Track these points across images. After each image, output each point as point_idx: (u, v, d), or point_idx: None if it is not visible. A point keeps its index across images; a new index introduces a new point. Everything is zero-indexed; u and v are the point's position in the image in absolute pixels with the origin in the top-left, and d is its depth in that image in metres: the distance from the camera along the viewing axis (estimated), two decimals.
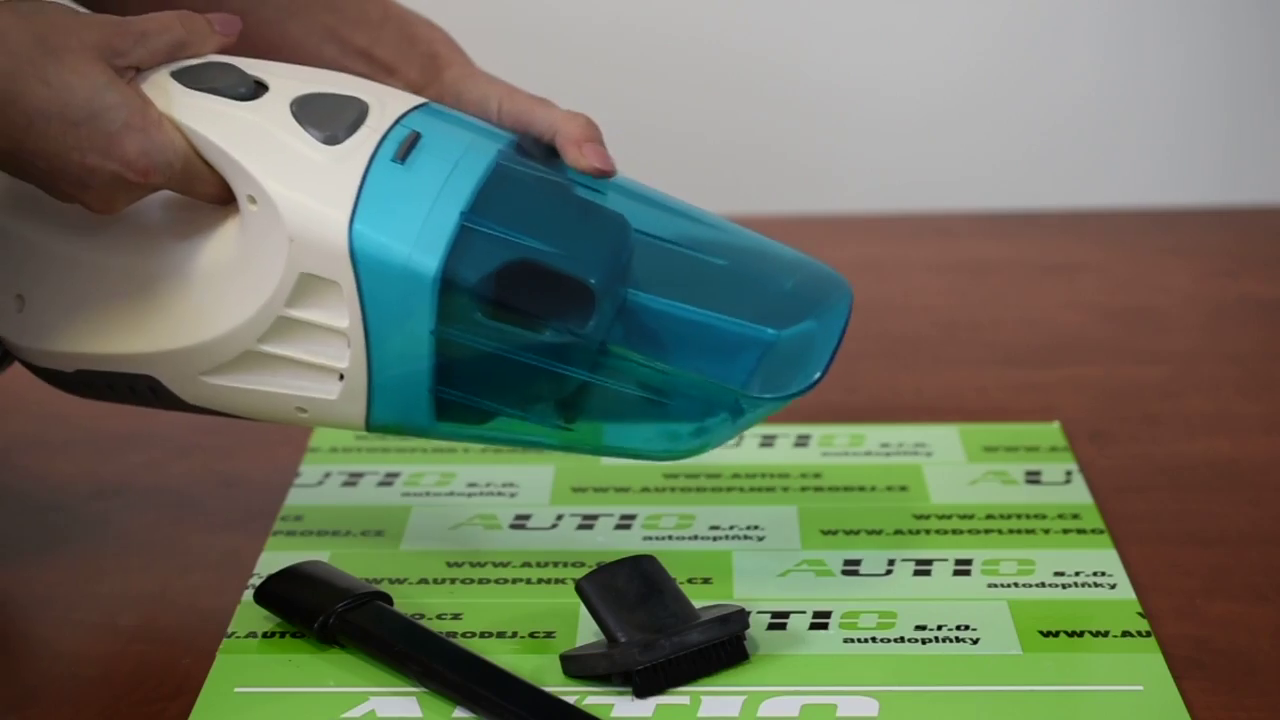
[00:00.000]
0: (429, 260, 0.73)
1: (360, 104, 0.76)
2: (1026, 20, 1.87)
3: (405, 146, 0.75)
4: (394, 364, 0.75)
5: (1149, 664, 0.76)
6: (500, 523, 0.89)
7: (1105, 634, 0.78)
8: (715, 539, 0.87)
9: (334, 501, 0.91)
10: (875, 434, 0.97)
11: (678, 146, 1.68)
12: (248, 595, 0.81)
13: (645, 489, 0.92)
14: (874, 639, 0.78)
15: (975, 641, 0.77)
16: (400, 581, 0.83)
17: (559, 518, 0.89)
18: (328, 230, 0.74)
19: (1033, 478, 0.93)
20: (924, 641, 0.77)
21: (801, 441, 0.96)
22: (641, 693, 0.73)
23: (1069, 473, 0.93)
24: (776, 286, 0.80)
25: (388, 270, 0.73)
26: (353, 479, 0.93)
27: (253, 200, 0.75)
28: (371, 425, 0.78)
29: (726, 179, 1.70)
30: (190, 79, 0.76)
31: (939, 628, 0.78)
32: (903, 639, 0.78)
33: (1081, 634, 0.78)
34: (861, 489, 0.92)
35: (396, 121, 0.76)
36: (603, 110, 0.90)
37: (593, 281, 0.75)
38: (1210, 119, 1.88)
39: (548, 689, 0.73)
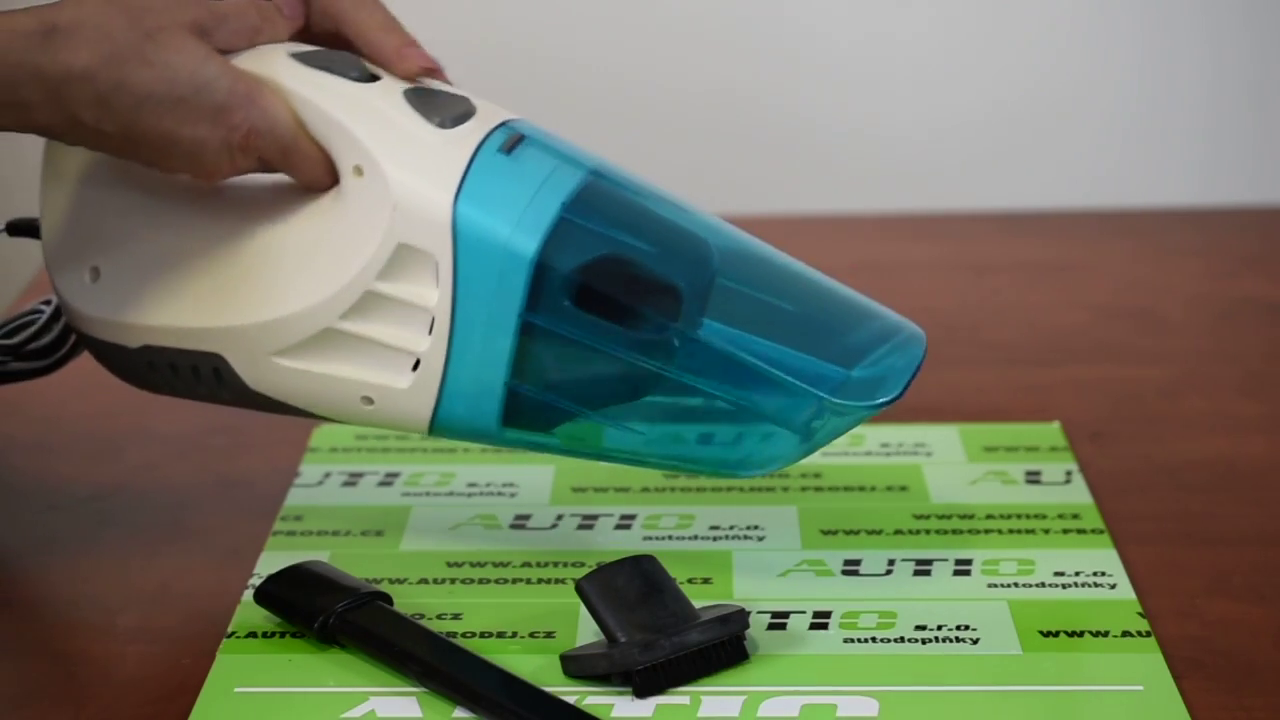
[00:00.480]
0: (529, 242, 0.75)
1: (468, 102, 0.78)
2: (1027, 21, 1.87)
3: (511, 142, 0.77)
4: (474, 350, 0.76)
5: (1149, 664, 0.76)
6: (500, 523, 0.89)
7: (1105, 634, 0.78)
8: (715, 539, 0.87)
9: (334, 501, 0.91)
10: (875, 434, 0.97)
11: (678, 145, 1.68)
12: (248, 595, 0.81)
13: (645, 489, 0.92)
14: (874, 639, 0.78)
15: (975, 641, 0.77)
16: (400, 581, 0.83)
17: (559, 518, 0.89)
18: (433, 200, 0.75)
19: (1033, 478, 0.93)
20: (924, 641, 0.77)
21: None
22: (641, 693, 0.73)
23: (1069, 473, 0.93)
24: (853, 338, 0.80)
25: (487, 247, 0.74)
26: (353, 479, 0.93)
27: (359, 171, 0.76)
28: (436, 423, 0.78)
29: (726, 178, 1.70)
30: (306, 59, 0.78)
31: (939, 628, 0.78)
32: (903, 639, 0.78)
33: (1081, 634, 0.78)
34: (861, 489, 0.92)
35: (501, 124, 0.77)
36: (603, 108, 0.89)
37: (681, 285, 0.77)
38: (1211, 120, 1.88)
39: (548, 689, 0.73)
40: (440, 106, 0.77)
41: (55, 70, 0.73)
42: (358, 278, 0.76)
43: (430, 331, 0.76)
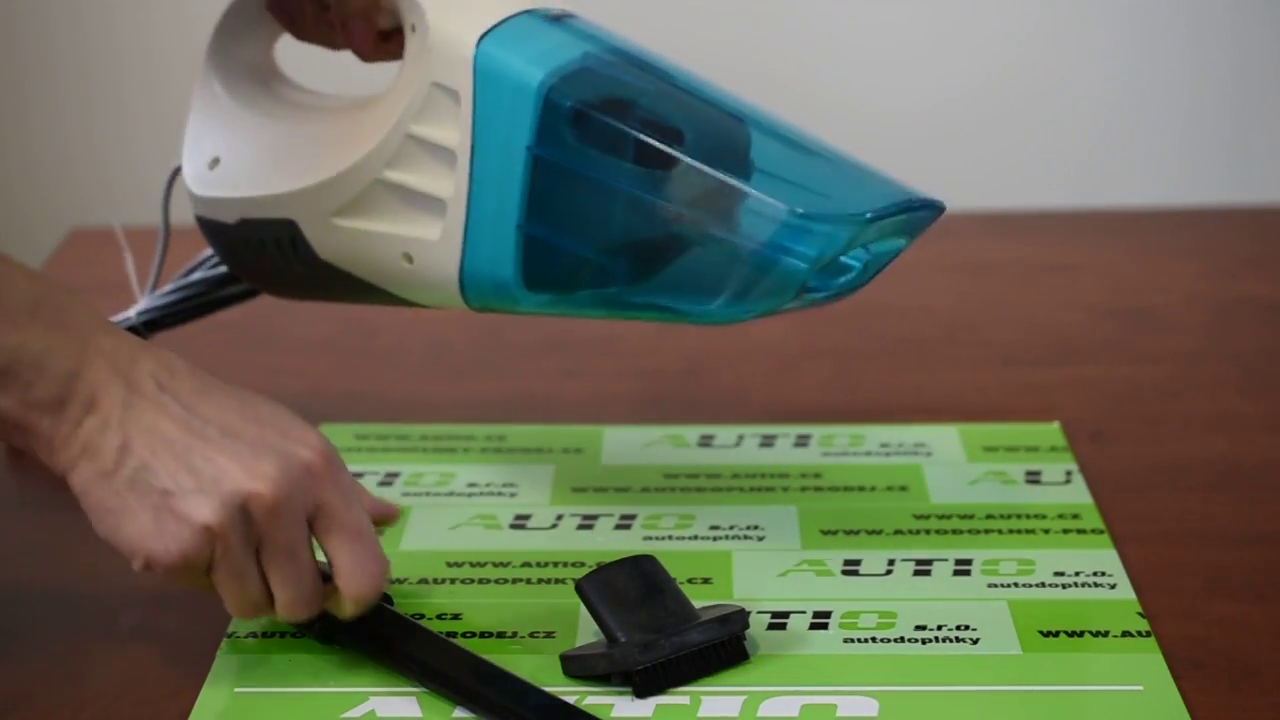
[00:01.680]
0: (537, 72, 0.78)
1: None
2: (1028, 22, 1.87)
3: (563, 16, 0.81)
4: (490, 190, 0.79)
5: (1149, 664, 0.76)
6: (500, 523, 0.89)
7: (1105, 634, 0.78)
8: (715, 539, 0.87)
9: None
10: (875, 434, 0.97)
11: None
12: None
13: (645, 489, 0.92)
14: (874, 639, 0.78)
15: (975, 641, 0.77)
16: (400, 581, 0.83)
17: (559, 518, 0.89)
18: (460, 39, 0.79)
19: (1033, 478, 0.93)
20: (924, 641, 0.77)
21: (801, 441, 0.96)
22: (641, 693, 0.73)
23: (1069, 473, 0.93)
24: (877, 189, 0.79)
25: (500, 79, 0.78)
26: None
27: (414, 28, 0.82)
28: (464, 280, 0.81)
29: None
30: None
31: (939, 628, 0.78)
32: (903, 639, 0.78)
33: (1081, 634, 0.78)
34: (861, 489, 0.92)
35: (564, 13, 0.82)
36: None
37: (686, 133, 0.78)
38: (1211, 120, 1.88)
39: (548, 689, 0.73)
40: None
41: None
42: (399, 123, 0.81)
43: (454, 172, 0.80)
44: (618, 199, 0.78)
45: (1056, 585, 0.82)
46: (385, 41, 0.88)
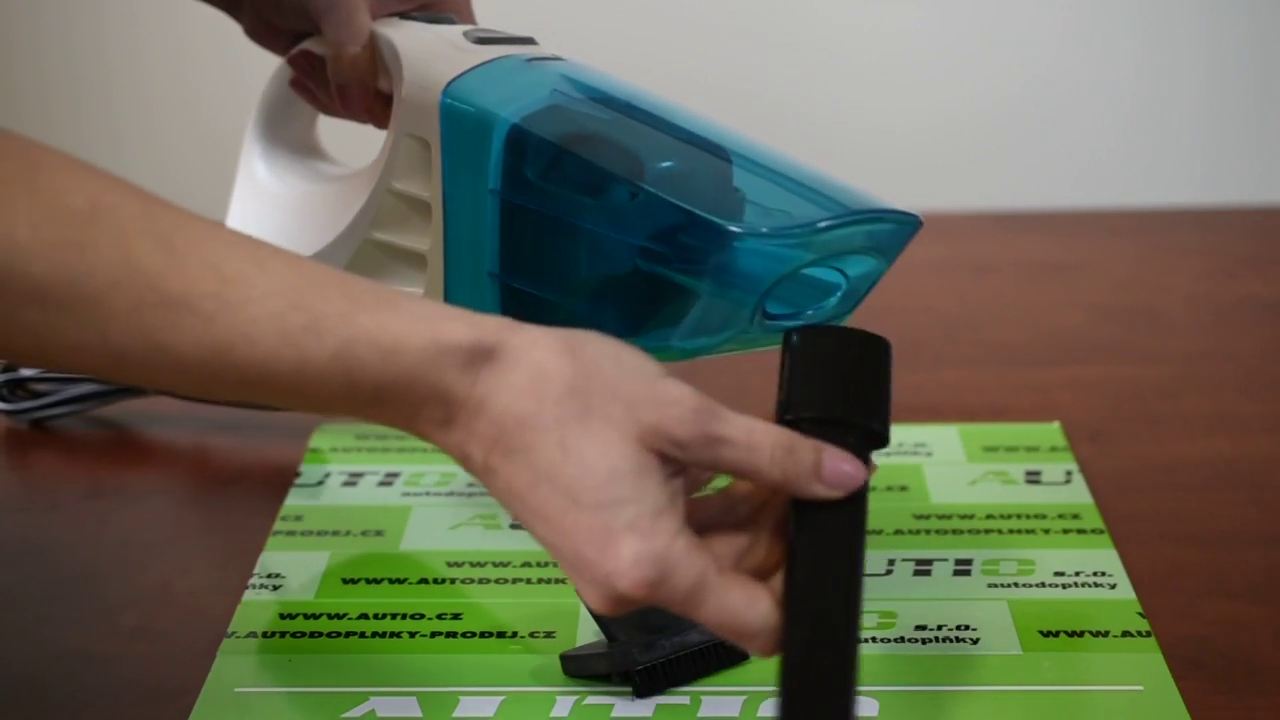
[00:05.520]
0: (498, 113, 0.75)
1: (530, 41, 0.81)
2: (1027, 21, 1.87)
3: (541, 58, 0.79)
4: (464, 241, 0.77)
5: (1149, 664, 0.76)
6: (500, 523, 0.89)
7: (1105, 634, 0.78)
8: None
9: (334, 501, 0.91)
10: None
11: None
12: (248, 595, 0.81)
13: None
14: (874, 639, 0.78)
15: (975, 641, 0.77)
16: (400, 581, 0.83)
17: None
18: (429, 87, 0.77)
19: (1033, 478, 0.93)
20: (924, 641, 0.77)
21: None
22: (641, 693, 0.73)
23: (1069, 473, 0.93)
24: (837, 203, 0.74)
25: (464, 121, 0.76)
26: (353, 479, 0.93)
27: (398, 86, 0.80)
28: None
29: None
30: (405, 15, 0.84)
31: (939, 628, 0.78)
32: (903, 639, 0.78)
33: (1081, 634, 0.78)
34: None
35: (554, 57, 0.80)
36: None
37: (649, 163, 0.73)
38: (1211, 120, 1.88)
39: (547, 689, 0.73)
40: (493, 38, 0.80)
41: (469, 399, 0.62)
42: (381, 180, 0.80)
43: (430, 224, 0.78)
44: (581, 236, 0.73)
45: (1056, 585, 0.82)
46: (389, 107, 0.84)
